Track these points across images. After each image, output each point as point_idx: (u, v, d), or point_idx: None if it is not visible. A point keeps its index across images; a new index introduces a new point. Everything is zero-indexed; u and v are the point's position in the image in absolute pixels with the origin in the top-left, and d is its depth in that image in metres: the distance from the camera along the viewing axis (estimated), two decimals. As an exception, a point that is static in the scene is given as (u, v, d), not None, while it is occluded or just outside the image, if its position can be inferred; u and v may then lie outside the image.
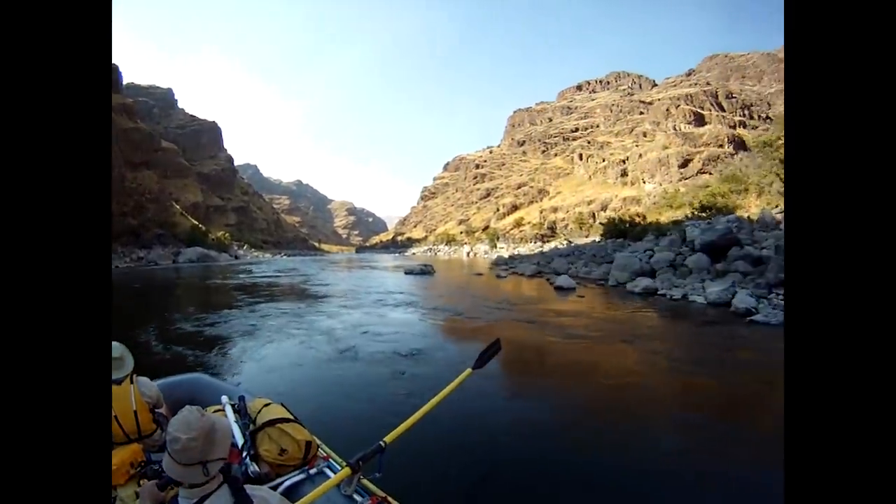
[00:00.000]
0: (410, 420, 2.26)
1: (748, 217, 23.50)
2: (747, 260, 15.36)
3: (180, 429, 1.49)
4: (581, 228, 55.06)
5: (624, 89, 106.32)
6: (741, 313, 10.95)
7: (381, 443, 2.08)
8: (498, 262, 35.03)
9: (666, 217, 38.45)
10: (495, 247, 61.67)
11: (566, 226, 60.01)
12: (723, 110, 66.42)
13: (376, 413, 4.58)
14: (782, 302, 11.47)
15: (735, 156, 52.13)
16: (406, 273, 24.66)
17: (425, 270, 24.45)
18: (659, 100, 73.70)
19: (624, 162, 65.95)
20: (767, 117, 69.25)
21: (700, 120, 62.14)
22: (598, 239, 40.18)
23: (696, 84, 76.97)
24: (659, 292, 14.55)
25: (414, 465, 3.32)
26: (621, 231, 33.88)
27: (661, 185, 54.92)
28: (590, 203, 61.63)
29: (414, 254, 72.64)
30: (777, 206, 27.68)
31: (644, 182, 58.94)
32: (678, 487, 3.37)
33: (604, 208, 59.23)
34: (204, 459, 1.49)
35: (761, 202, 31.67)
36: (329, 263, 42.35)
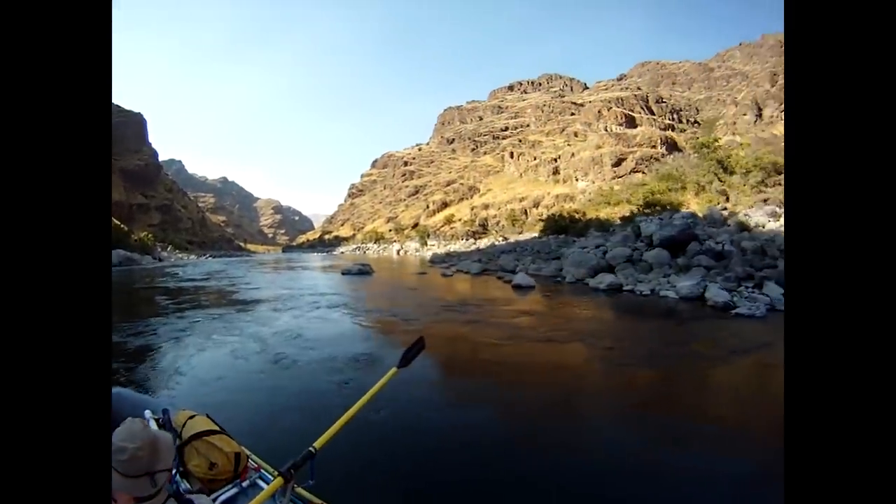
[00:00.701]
0: (338, 423, 2.25)
1: (693, 214, 23.74)
2: (709, 254, 15.48)
3: (126, 439, 1.51)
4: (514, 225, 55.80)
5: (555, 91, 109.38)
6: (720, 307, 10.85)
7: (310, 448, 2.07)
8: (434, 260, 33.96)
9: (605, 213, 39.54)
10: (426, 244, 61.30)
11: (498, 223, 60.66)
12: (653, 114, 69.30)
13: (308, 419, 4.55)
14: (754, 295, 11.63)
15: (667, 156, 54.34)
16: (343, 273, 23.05)
17: (364, 270, 22.90)
18: (590, 102, 76.01)
19: (556, 160, 67.45)
20: (696, 121, 73.13)
21: (631, 122, 64.59)
22: (536, 235, 40.98)
23: (627, 88, 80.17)
24: (624, 288, 14.17)
25: (347, 469, 3.33)
26: (562, 227, 34.16)
27: (594, 182, 56.85)
28: (522, 200, 62.57)
29: (342, 253, 71.02)
30: (719, 204, 28.54)
31: (577, 180, 60.69)
32: (619, 486, 3.37)
33: (536, 205, 60.37)
34: (151, 470, 1.50)
35: (701, 200, 33.07)
36: (257, 264, 40.14)
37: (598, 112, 67.76)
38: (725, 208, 27.03)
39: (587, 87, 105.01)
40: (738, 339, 8.08)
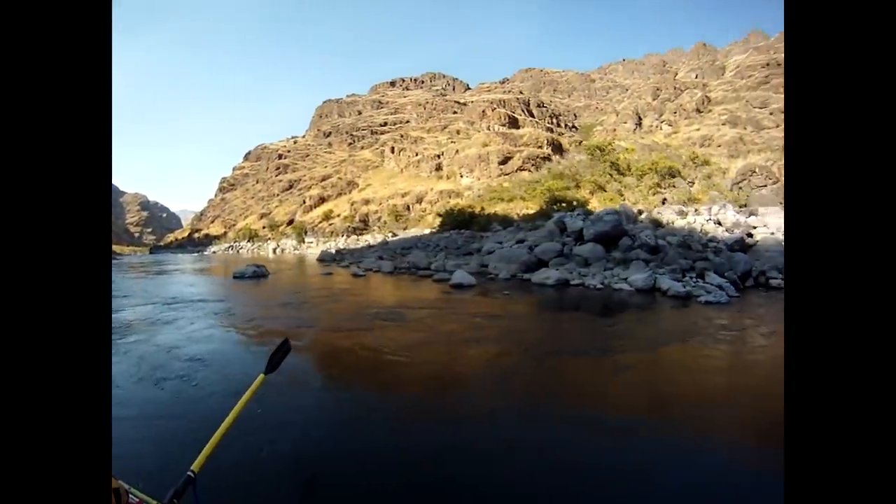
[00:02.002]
0: (212, 441, 2.17)
1: (617, 211, 24.92)
2: (644, 248, 16.28)
3: None
4: (398, 220, 55.82)
5: (437, 89, 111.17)
6: (682, 296, 11.56)
7: (189, 473, 2.00)
8: (324, 259, 32.17)
9: (500, 209, 40.70)
10: (303, 241, 59.07)
11: (379, 218, 60.42)
12: (533, 116, 72.59)
13: (192, 441, 3.84)
14: (700, 284, 12.59)
15: (554, 156, 57.25)
16: (235, 277, 20.45)
17: (259, 273, 20.56)
18: (472, 102, 78.46)
19: (439, 157, 68.63)
20: (573, 126, 77.76)
21: (514, 123, 67.61)
22: (429, 230, 41.16)
23: (509, 91, 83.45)
24: (572, 283, 14.29)
25: (232, 489, 3.21)
26: (462, 222, 34.18)
27: (479, 179, 58.60)
28: (404, 195, 63.02)
29: (214, 252, 65.84)
30: (619, 203, 30.15)
31: (461, 176, 62.09)
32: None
33: (419, 200, 61.11)
34: None
35: (599, 198, 35.51)
36: (128, 268, 35.01)
37: (483, 112, 70.05)
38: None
39: (469, 88, 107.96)
40: (715, 323, 8.81)
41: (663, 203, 28.36)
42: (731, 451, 3.80)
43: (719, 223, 22.12)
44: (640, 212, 23.91)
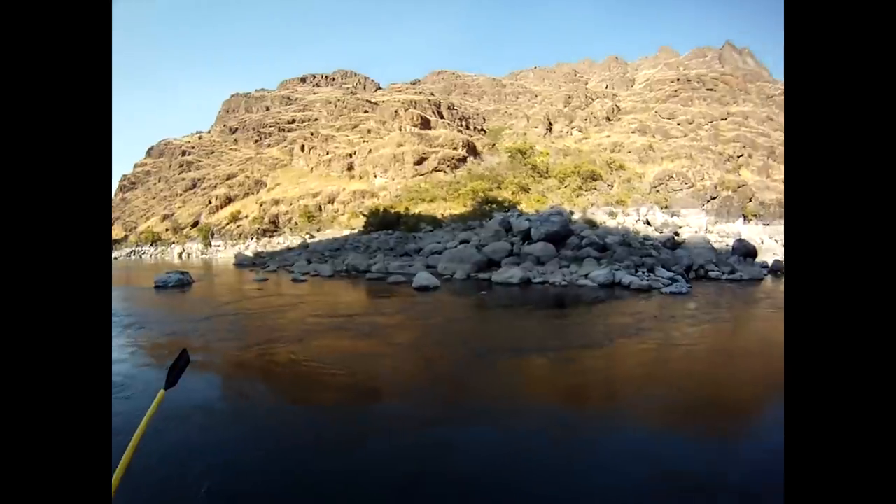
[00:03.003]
0: (121, 466, 1.93)
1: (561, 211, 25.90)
2: (594, 246, 17.47)
3: None
4: (310, 221, 54.60)
5: (348, 87, 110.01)
6: (645, 289, 12.73)
7: None
8: (242, 263, 30.53)
9: (423, 209, 40.99)
10: (209, 245, 56.35)
11: (290, 219, 58.88)
12: (443, 118, 73.46)
13: None
14: (650, 277, 13.83)
15: (468, 158, 58.03)
16: (157, 287, 17.81)
17: (184, 281, 17.98)
18: (384, 101, 78.44)
19: (351, 156, 67.90)
20: (482, 129, 79.26)
21: (426, 124, 67.95)
22: (349, 231, 40.61)
23: (421, 93, 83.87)
24: (534, 281, 14.91)
25: None
26: (389, 222, 34.21)
27: (393, 179, 58.58)
28: (315, 195, 61.78)
29: (116, 258, 60.28)
30: (546, 204, 31.37)
31: (375, 176, 61.76)
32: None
33: (331, 200, 60.28)
34: None
35: (524, 199, 36.53)
36: None
37: (395, 112, 70.16)
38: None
39: (380, 88, 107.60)
40: (690, 309, 10.16)
41: (592, 205, 29.82)
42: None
43: (648, 223, 23.83)
44: (572, 213, 24.99)
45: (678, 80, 65.98)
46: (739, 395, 5.26)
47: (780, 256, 19.10)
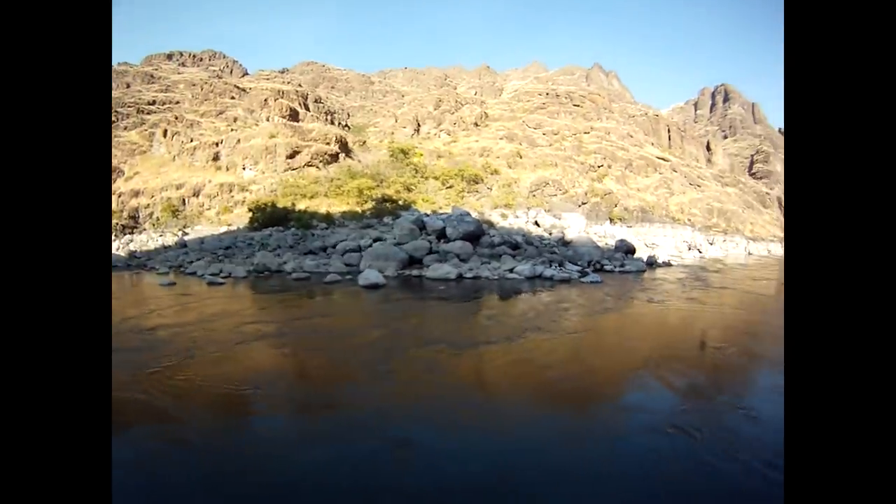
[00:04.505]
0: None
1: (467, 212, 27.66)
2: (508, 245, 20.23)
3: None
4: (175, 216, 51.56)
5: (215, 70, 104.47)
6: (566, 280, 15.56)
7: None
8: (116, 264, 23.96)
9: (303, 205, 41.14)
10: (57, 244, 51.42)
11: (151, 214, 55.06)
12: (309, 111, 72.78)
13: None
14: (564, 270, 16.25)
15: (340, 154, 58.12)
16: None
17: None
18: (252, 88, 75.79)
19: (217, 145, 64.70)
20: (346, 125, 79.52)
21: (295, 116, 66.82)
22: (227, 228, 39.29)
23: (289, 83, 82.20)
24: (465, 276, 16.49)
25: None
26: (278, 219, 33.95)
27: (263, 173, 56.86)
28: (179, 187, 58.22)
29: None
30: (435, 204, 33.29)
31: (244, 168, 59.39)
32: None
33: (196, 194, 56.95)
34: None
35: (414, 198, 38.56)
36: None
37: (265, 101, 68.05)
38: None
39: (248, 74, 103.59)
40: (611, 294, 13.27)
41: (483, 207, 32.27)
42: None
43: (538, 224, 26.83)
44: (468, 213, 27.25)
45: (547, 94, 71.53)
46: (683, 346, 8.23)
47: (650, 252, 24.17)
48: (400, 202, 35.03)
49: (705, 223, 57.13)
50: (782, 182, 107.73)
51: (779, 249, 59.38)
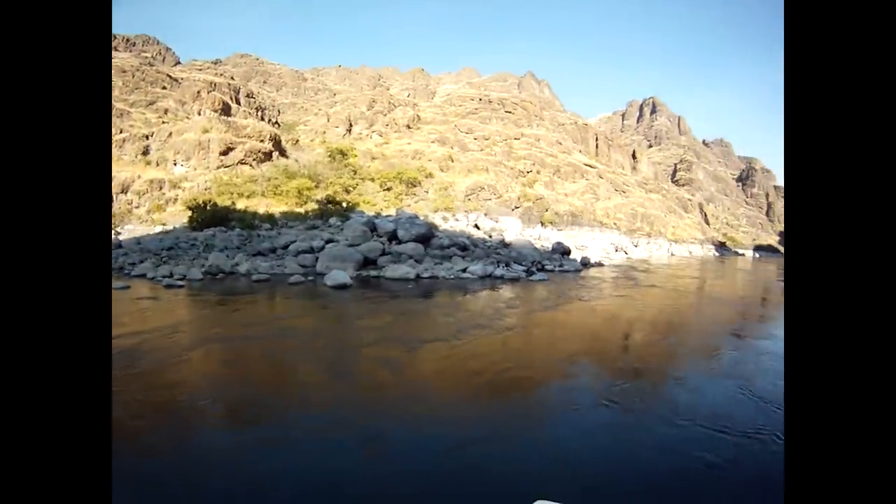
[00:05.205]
0: None
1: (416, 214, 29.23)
2: (457, 246, 21.74)
3: None
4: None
5: (148, 56, 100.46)
6: (516, 278, 17.22)
7: None
8: None
9: (241, 205, 40.45)
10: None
11: None
12: (240, 105, 71.54)
13: None
14: (511, 269, 17.86)
15: (274, 153, 57.61)
16: None
17: None
18: (185, 79, 73.65)
19: (148, 138, 62.51)
20: (276, 122, 78.69)
21: (227, 111, 65.48)
22: (162, 227, 37.79)
23: (222, 75, 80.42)
24: (422, 276, 17.55)
25: None
26: (220, 219, 33.32)
27: (195, 169, 55.39)
28: None
29: None
30: (375, 206, 34.37)
31: (175, 164, 57.55)
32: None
33: (124, 191, 54.87)
34: None
35: (354, 199, 38.99)
36: None
37: (198, 93, 66.20)
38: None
39: (180, 62, 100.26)
40: (560, 289, 15.12)
41: (427, 210, 33.71)
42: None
43: (478, 227, 28.55)
44: (416, 216, 28.52)
45: (480, 99, 73.40)
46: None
47: (581, 254, 26.61)
48: (343, 204, 35.57)
49: (630, 227, 60.68)
50: (703, 189, 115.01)
51: (699, 250, 63.88)
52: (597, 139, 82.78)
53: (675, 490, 3.93)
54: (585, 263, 24.03)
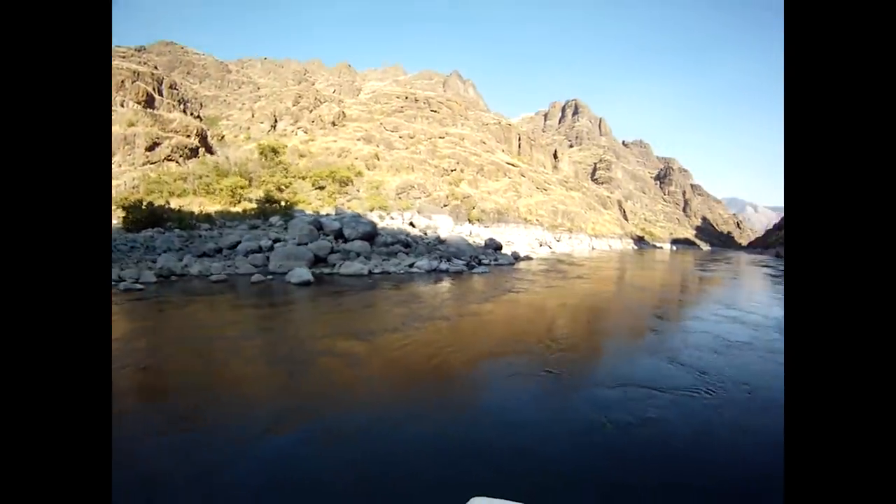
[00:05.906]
0: None
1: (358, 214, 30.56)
2: (400, 243, 23.75)
3: None
4: None
5: None
6: (459, 271, 19.37)
7: None
8: None
9: (175, 204, 39.56)
10: None
11: None
12: (163, 97, 69.52)
13: None
14: (453, 263, 19.90)
15: (200, 149, 56.42)
16: None
17: None
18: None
19: None
20: (198, 116, 76.51)
21: (151, 102, 63.31)
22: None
23: (146, 63, 77.48)
24: (374, 272, 18.87)
25: None
26: (157, 219, 32.49)
27: (120, 166, 53.36)
28: None
29: None
30: (311, 205, 35.31)
31: None
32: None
33: None
34: None
35: (285, 197, 39.38)
36: None
37: (121, 82, 63.32)
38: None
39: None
40: (502, 280, 16.95)
41: (374, 210, 34.91)
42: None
43: (413, 225, 30.21)
44: (358, 215, 29.89)
45: (406, 97, 74.64)
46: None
47: (508, 249, 29.31)
48: (281, 203, 36.18)
49: (552, 223, 63.81)
50: (622, 187, 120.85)
51: (618, 244, 67.59)
52: (519, 139, 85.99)
53: (617, 440, 4.46)
54: (517, 257, 26.73)
